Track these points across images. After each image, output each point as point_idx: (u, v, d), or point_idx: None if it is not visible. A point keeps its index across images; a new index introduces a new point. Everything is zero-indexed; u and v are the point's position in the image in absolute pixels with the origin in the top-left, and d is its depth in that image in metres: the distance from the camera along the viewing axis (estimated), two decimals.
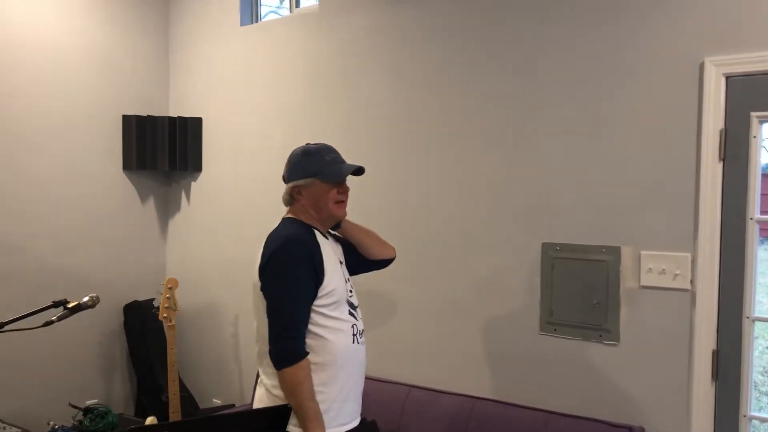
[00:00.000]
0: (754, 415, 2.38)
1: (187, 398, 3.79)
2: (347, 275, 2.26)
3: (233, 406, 3.78)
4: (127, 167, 3.98)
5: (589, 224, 2.65)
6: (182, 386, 3.77)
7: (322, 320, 2.08)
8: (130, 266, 4.01)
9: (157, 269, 4.15)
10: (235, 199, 3.86)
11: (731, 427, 2.38)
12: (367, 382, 2.28)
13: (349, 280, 2.26)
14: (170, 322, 3.49)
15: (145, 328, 3.91)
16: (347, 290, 2.20)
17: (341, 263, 2.25)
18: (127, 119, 3.95)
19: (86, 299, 2.31)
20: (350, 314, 2.18)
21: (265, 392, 2.13)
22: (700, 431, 2.41)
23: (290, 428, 2.02)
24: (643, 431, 2.51)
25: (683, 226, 2.44)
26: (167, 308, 3.49)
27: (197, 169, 4.05)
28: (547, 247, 2.75)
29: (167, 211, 4.22)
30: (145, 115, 3.98)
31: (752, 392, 2.38)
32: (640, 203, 2.54)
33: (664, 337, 2.49)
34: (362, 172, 2.22)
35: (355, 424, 2.17)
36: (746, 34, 2.32)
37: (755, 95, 2.32)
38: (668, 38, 2.47)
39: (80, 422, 3.42)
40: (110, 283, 3.86)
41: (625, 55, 2.56)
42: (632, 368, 2.56)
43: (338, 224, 2.32)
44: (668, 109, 2.47)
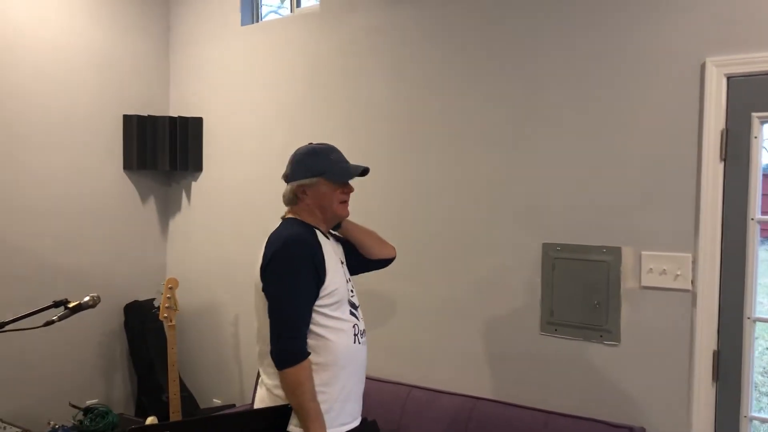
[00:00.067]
0: (754, 415, 2.38)
1: (187, 398, 3.79)
2: (348, 275, 2.26)
3: (233, 406, 3.78)
4: (127, 167, 3.98)
5: (589, 224, 2.65)
6: (182, 386, 3.77)
7: (323, 320, 2.08)
8: (130, 266, 4.01)
9: (157, 269, 4.15)
10: (235, 198, 3.87)
11: (732, 427, 2.38)
12: (367, 382, 2.28)
13: (350, 280, 2.26)
14: (170, 321, 3.49)
15: (145, 327, 3.91)
16: (348, 290, 2.20)
17: (342, 263, 2.25)
18: (127, 119, 3.95)
19: (87, 299, 2.31)
20: (351, 314, 2.18)
21: (266, 392, 2.13)
22: None
23: (291, 428, 2.02)
24: (643, 431, 2.51)
25: (684, 226, 2.44)
26: (168, 308, 3.49)
27: (198, 169, 4.05)
28: (547, 247, 2.75)
29: (168, 210, 4.22)
30: (145, 114, 3.98)
31: (753, 393, 2.38)
32: (640, 203, 2.54)
33: (664, 337, 2.49)
34: (367, 172, 2.22)
35: (355, 424, 2.17)
36: (747, 34, 2.32)
37: (756, 95, 2.32)
38: (669, 38, 2.47)
39: (80, 422, 3.42)
40: (110, 282, 3.85)
41: (625, 55, 2.56)
42: (633, 368, 2.56)
43: (338, 224, 2.32)
44: (669, 109, 2.47)
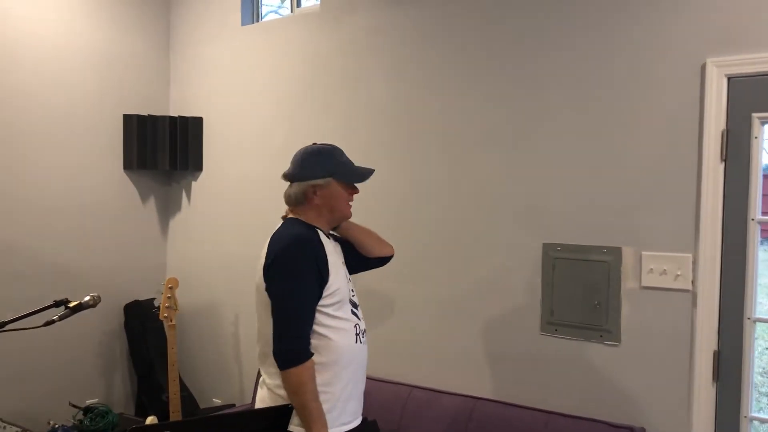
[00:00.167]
0: (754, 416, 2.38)
1: (187, 398, 3.79)
2: (348, 275, 2.26)
3: (233, 405, 3.78)
4: (127, 167, 3.98)
5: (590, 224, 2.65)
6: (182, 386, 3.77)
7: (326, 320, 2.08)
8: (130, 266, 4.01)
9: (157, 269, 4.15)
10: (235, 198, 3.86)
11: (732, 427, 2.38)
12: (367, 382, 2.28)
13: (350, 279, 2.26)
14: (171, 321, 3.49)
15: (145, 327, 3.91)
16: (349, 290, 2.21)
17: (343, 263, 2.25)
18: (127, 119, 3.95)
19: (87, 299, 2.31)
20: (353, 314, 2.18)
21: (267, 392, 2.12)
22: None
23: (292, 428, 2.02)
24: (643, 431, 2.51)
25: (684, 226, 2.45)
26: (168, 308, 3.49)
27: (198, 168, 4.05)
28: (547, 247, 2.75)
29: (168, 210, 4.22)
30: (145, 114, 3.98)
31: (753, 393, 2.38)
32: (641, 204, 2.54)
33: (665, 337, 2.49)
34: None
35: (356, 423, 2.18)
36: (748, 35, 2.32)
37: (757, 96, 2.32)
38: (670, 39, 2.47)
39: (80, 421, 3.42)
40: (110, 282, 3.85)
41: (626, 55, 2.56)
42: (633, 369, 2.56)
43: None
44: (669, 109, 2.48)
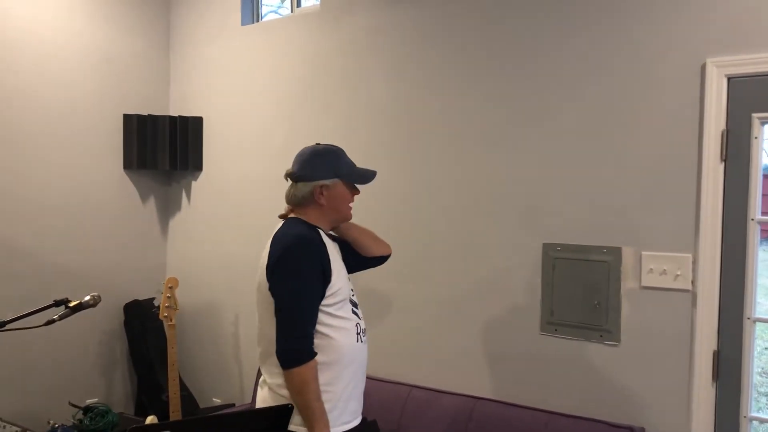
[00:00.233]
0: (754, 416, 2.38)
1: (187, 397, 3.79)
2: (347, 274, 2.26)
3: (233, 405, 3.78)
4: (127, 166, 3.98)
5: (590, 224, 2.65)
6: (182, 385, 3.77)
7: (328, 320, 2.08)
8: (130, 265, 4.01)
9: (157, 268, 4.15)
10: (235, 198, 3.87)
11: (732, 427, 2.38)
12: (367, 381, 2.28)
13: (349, 279, 2.26)
14: (170, 321, 3.49)
15: (145, 327, 3.91)
16: (349, 289, 2.21)
17: (342, 263, 2.25)
18: (127, 118, 3.95)
19: (88, 298, 2.32)
20: (353, 313, 2.18)
21: (268, 392, 2.12)
22: None
23: (292, 428, 2.02)
24: (643, 431, 2.51)
25: (684, 226, 2.45)
26: (168, 307, 3.49)
27: (198, 168, 4.05)
28: (547, 247, 2.75)
29: (168, 210, 4.22)
30: (145, 114, 3.98)
31: (752, 393, 2.38)
32: (641, 204, 2.54)
33: (664, 337, 2.49)
34: None
35: (356, 422, 2.18)
36: (748, 35, 2.32)
37: (757, 96, 2.32)
38: (670, 39, 2.47)
39: (80, 421, 3.42)
40: (110, 282, 3.86)
41: (626, 55, 2.56)
42: (633, 369, 2.56)
43: None
44: (669, 109, 2.48)
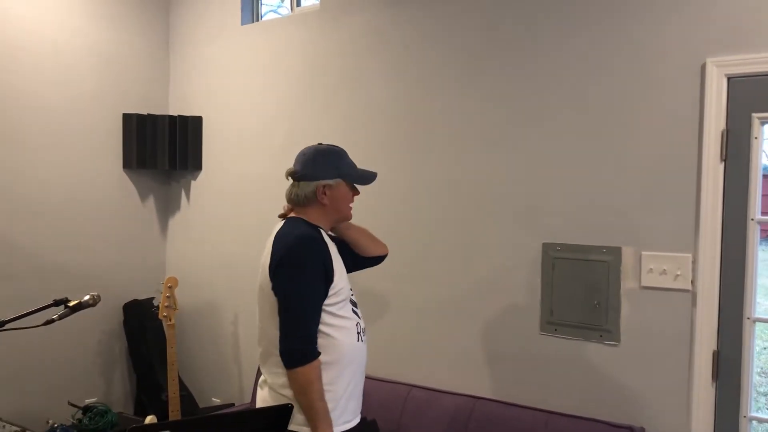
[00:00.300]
0: (754, 415, 2.38)
1: (186, 397, 3.78)
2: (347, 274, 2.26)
3: (233, 405, 3.77)
4: (127, 166, 3.98)
5: (589, 224, 2.65)
6: (182, 385, 3.76)
7: (330, 319, 2.08)
8: (129, 265, 4.01)
9: (156, 268, 4.15)
10: (235, 198, 3.86)
11: (731, 427, 2.38)
12: (367, 381, 2.28)
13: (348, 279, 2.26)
14: (170, 321, 3.49)
15: (144, 326, 3.90)
16: (349, 288, 2.21)
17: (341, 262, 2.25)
18: (127, 118, 3.95)
19: (87, 298, 2.31)
20: (353, 312, 2.18)
21: (268, 392, 2.12)
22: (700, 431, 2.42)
23: (292, 427, 2.02)
24: (643, 431, 2.51)
25: (684, 226, 2.45)
26: (167, 307, 3.49)
27: (197, 167, 4.05)
28: (547, 247, 2.75)
29: (167, 209, 4.21)
30: (145, 113, 3.98)
31: (752, 393, 2.38)
32: (641, 203, 2.54)
33: (664, 337, 2.49)
34: None
35: (356, 421, 2.18)
36: (748, 35, 2.32)
37: (757, 96, 2.32)
38: (670, 39, 2.47)
39: (79, 421, 3.42)
40: (110, 281, 3.85)
41: (626, 55, 2.56)
42: (633, 368, 2.56)
43: None
44: (669, 109, 2.48)
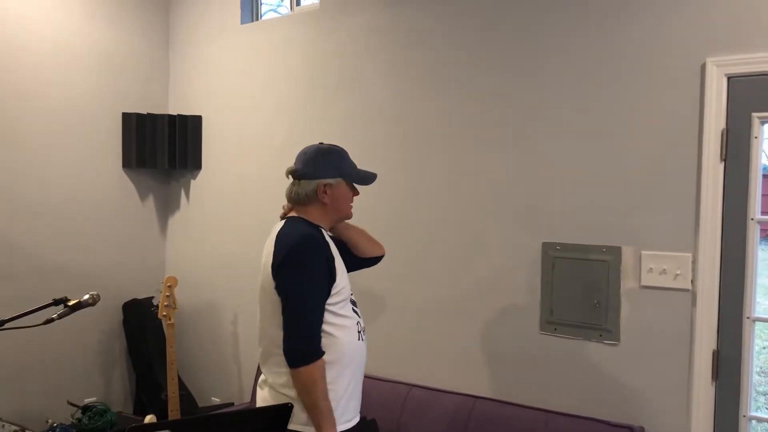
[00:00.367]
0: (753, 415, 2.38)
1: (186, 396, 3.78)
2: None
3: (232, 404, 3.77)
4: (126, 165, 3.98)
5: (589, 224, 2.65)
6: (181, 384, 3.76)
7: (332, 318, 2.08)
8: (129, 264, 4.00)
9: (156, 267, 4.15)
10: (234, 197, 3.86)
11: (731, 427, 2.38)
12: (367, 380, 2.28)
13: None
14: (169, 320, 3.49)
15: (144, 326, 3.90)
16: (349, 288, 2.20)
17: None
18: (126, 117, 3.95)
19: (87, 297, 2.31)
20: (354, 311, 2.18)
21: (269, 392, 2.11)
22: (699, 431, 2.42)
23: (291, 427, 2.01)
24: (643, 431, 2.51)
25: (684, 226, 2.45)
26: (166, 306, 3.48)
27: (197, 167, 4.04)
28: (547, 246, 2.75)
29: (167, 209, 4.21)
30: (144, 113, 3.98)
31: (752, 392, 2.38)
32: (640, 203, 2.54)
33: (664, 337, 2.49)
34: None
35: (356, 420, 2.18)
36: (748, 34, 2.32)
37: (757, 96, 2.32)
38: (670, 38, 2.47)
39: (79, 420, 3.41)
40: (109, 281, 3.85)
41: (626, 55, 2.56)
42: (632, 368, 2.56)
43: None
44: (669, 109, 2.48)
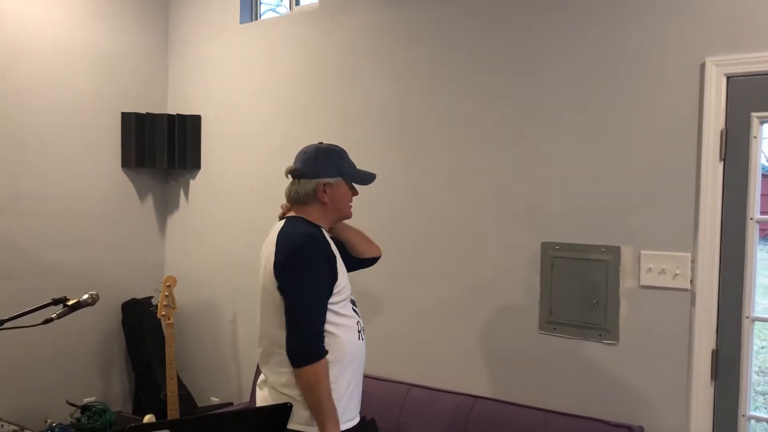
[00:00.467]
0: (752, 414, 2.38)
1: (185, 396, 3.78)
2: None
3: (231, 404, 3.77)
4: (125, 165, 3.97)
5: (588, 224, 2.65)
6: (180, 384, 3.76)
7: (333, 318, 2.08)
8: (128, 264, 4.00)
9: (155, 267, 4.15)
10: (234, 196, 3.86)
11: (730, 426, 2.38)
12: (366, 380, 2.27)
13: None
14: (168, 320, 3.49)
15: (143, 326, 3.91)
16: (350, 287, 2.20)
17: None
18: (126, 117, 3.94)
19: (86, 297, 2.31)
20: (353, 311, 2.18)
21: (269, 392, 2.11)
22: (699, 431, 2.42)
23: (293, 426, 2.01)
24: (642, 430, 2.51)
25: (683, 226, 2.45)
26: (166, 306, 3.49)
27: (196, 166, 4.04)
28: (546, 246, 2.75)
29: (166, 208, 4.21)
30: (144, 112, 3.97)
31: (751, 392, 2.39)
32: (640, 203, 2.54)
33: (663, 336, 2.49)
34: None
35: (357, 420, 2.18)
36: (747, 34, 2.32)
37: (756, 95, 2.32)
38: (669, 38, 2.47)
39: (78, 420, 3.42)
40: (108, 280, 3.84)
41: (625, 54, 2.56)
42: (632, 367, 2.56)
43: None
44: (669, 109, 2.48)
